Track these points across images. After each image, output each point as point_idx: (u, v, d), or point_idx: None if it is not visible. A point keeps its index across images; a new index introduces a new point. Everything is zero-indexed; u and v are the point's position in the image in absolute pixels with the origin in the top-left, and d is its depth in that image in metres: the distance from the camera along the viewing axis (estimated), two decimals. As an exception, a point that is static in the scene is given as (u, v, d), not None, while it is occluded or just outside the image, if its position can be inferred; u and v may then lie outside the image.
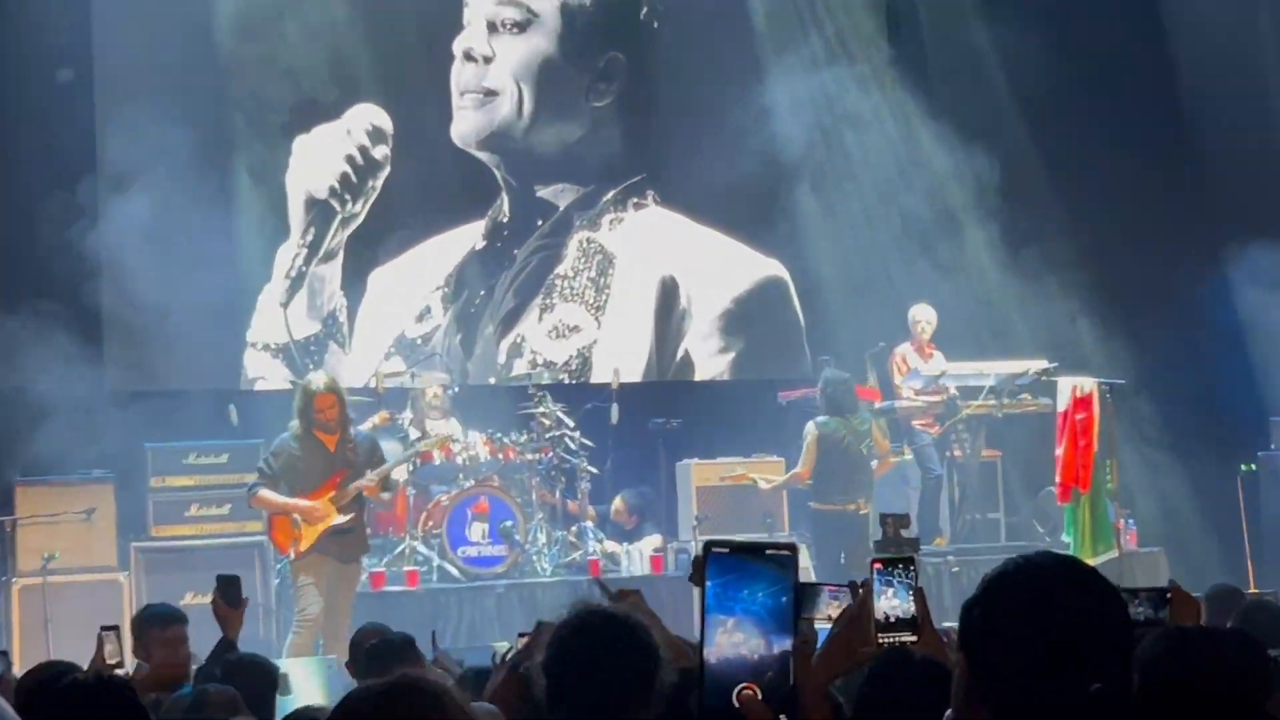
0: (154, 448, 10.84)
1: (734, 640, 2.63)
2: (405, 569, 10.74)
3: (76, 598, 10.00)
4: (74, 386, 10.49)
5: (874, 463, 11.11)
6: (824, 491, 10.87)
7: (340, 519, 9.20)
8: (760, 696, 2.62)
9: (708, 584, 2.65)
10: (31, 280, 11.06)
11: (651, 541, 11.62)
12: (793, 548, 2.69)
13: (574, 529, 11.46)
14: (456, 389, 12.11)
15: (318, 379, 9.45)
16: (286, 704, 5.33)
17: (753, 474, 11.66)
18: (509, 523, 10.93)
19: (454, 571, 10.84)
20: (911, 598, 2.72)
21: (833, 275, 13.44)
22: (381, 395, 11.27)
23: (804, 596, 2.98)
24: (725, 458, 11.93)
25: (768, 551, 2.67)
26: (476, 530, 10.94)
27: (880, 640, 2.70)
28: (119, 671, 5.13)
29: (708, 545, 2.69)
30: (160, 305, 11.25)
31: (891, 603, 2.72)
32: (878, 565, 2.75)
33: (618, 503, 12.09)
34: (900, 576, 2.73)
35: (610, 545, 11.55)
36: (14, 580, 10.22)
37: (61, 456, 10.46)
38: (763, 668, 2.63)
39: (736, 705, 2.61)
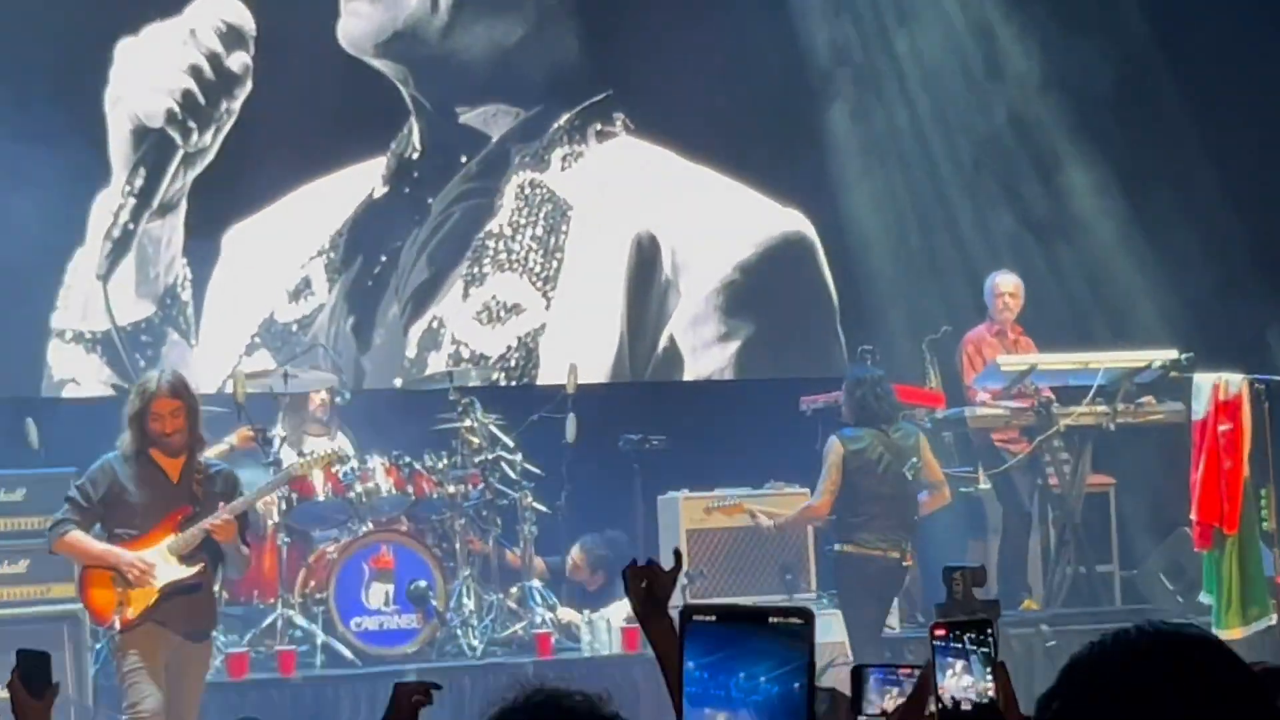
0: (-81, 481, 10.84)
1: None
2: (277, 649, 10.73)
3: None
4: None
5: (922, 496, 11.10)
6: (848, 528, 10.85)
7: (183, 571, 9.12)
8: None
9: (688, 665, 2.66)
10: None
11: (623, 608, 11.61)
12: (806, 614, 2.70)
13: (515, 590, 11.50)
14: (347, 395, 12.14)
15: (158, 377, 9.39)
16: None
17: (750, 505, 11.67)
18: (423, 583, 10.95)
19: (346, 652, 10.84)
20: (990, 675, 2.72)
21: (877, 232, 13.47)
22: (241, 405, 11.22)
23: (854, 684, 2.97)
24: (726, 488, 11.94)
25: (771, 620, 2.67)
26: (377, 594, 10.95)
27: (947, 736, 2.71)
28: None
29: (687, 611, 2.71)
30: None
31: (963, 682, 2.72)
32: (940, 632, 2.76)
33: (576, 553, 12.13)
34: (974, 646, 2.73)
35: (566, 613, 11.57)
36: None
37: None
38: None
39: None
